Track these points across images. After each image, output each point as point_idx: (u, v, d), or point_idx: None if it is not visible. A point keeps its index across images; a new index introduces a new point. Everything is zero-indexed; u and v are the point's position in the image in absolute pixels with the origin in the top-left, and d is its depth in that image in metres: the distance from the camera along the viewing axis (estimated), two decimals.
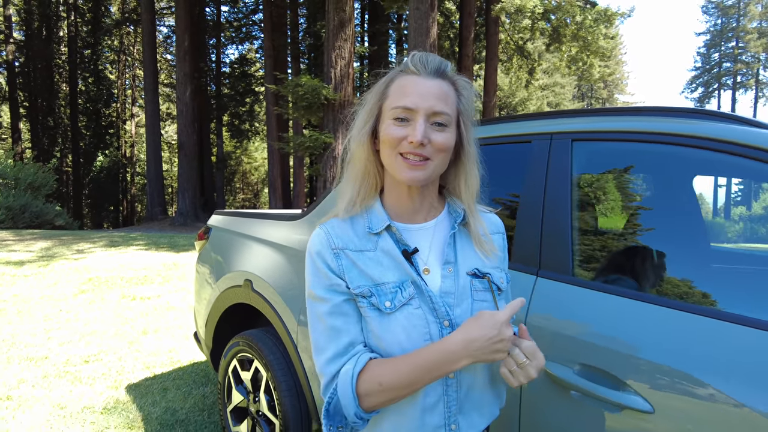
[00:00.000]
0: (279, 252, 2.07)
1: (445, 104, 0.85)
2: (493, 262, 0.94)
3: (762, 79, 42.53)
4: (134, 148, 33.00)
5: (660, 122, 1.20)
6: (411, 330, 0.84)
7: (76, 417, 2.63)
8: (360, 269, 0.88)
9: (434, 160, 0.85)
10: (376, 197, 0.93)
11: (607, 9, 18.10)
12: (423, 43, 11.18)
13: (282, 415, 1.94)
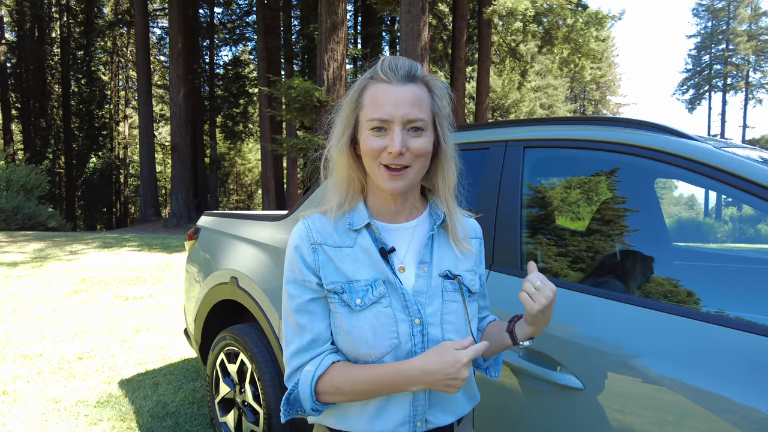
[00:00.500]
0: (263, 251, 2.20)
1: (419, 110, 0.86)
2: (467, 264, 0.97)
3: (752, 81, 42.94)
4: (127, 150, 32.93)
5: (603, 131, 1.34)
6: (378, 328, 0.87)
7: (71, 410, 2.74)
8: (335, 265, 0.90)
9: (414, 167, 0.87)
10: (360, 199, 0.96)
11: (598, 12, 18.31)
12: (414, 46, 11.32)
13: (266, 405, 2.06)
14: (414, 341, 0.88)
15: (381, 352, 0.87)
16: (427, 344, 0.88)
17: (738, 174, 1.08)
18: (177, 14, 17.31)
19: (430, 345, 0.88)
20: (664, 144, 1.21)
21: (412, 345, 0.87)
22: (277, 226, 2.21)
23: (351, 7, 23.45)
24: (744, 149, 1.33)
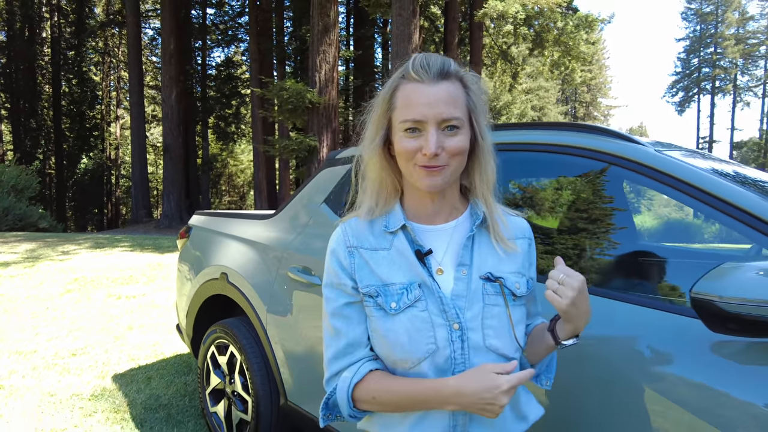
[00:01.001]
0: (252, 248, 2.31)
1: (454, 108, 0.83)
2: (511, 266, 0.92)
3: (739, 84, 43.52)
4: (119, 151, 32.81)
5: (558, 136, 1.47)
6: (414, 333, 0.84)
7: (66, 403, 2.83)
8: (371, 268, 0.89)
9: (451, 166, 0.85)
10: (396, 201, 0.94)
11: (588, 15, 18.56)
12: (405, 49, 11.43)
13: (254, 393, 2.17)
14: (453, 347, 0.85)
15: (417, 358, 0.84)
16: (468, 350, 0.85)
17: (671, 174, 1.22)
18: (169, 15, 17.34)
19: (470, 351, 0.85)
20: (610, 147, 1.35)
21: (451, 351, 0.84)
22: (265, 225, 2.33)
23: (343, 9, 23.56)
24: (688, 154, 1.47)
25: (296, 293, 2.00)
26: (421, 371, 0.85)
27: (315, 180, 2.23)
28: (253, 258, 2.27)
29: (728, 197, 1.13)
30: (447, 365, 0.84)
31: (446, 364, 0.84)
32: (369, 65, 22.37)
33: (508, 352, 0.87)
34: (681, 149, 1.50)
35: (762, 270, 0.87)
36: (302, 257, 2.02)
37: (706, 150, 45.57)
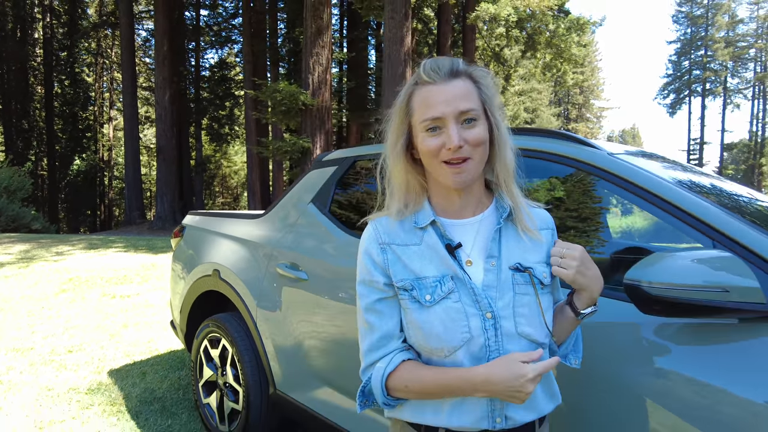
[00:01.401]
0: (243, 246, 2.43)
1: (469, 101, 0.89)
2: (537, 256, 0.96)
3: (729, 86, 43.96)
4: (112, 152, 32.74)
5: (524, 140, 1.60)
6: (449, 323, 0.88)
7: (63, 397, 2.93)
8: (404, 263, 0.93)
9: (474, 158, 0.89)
10: (424, 199, 0.98)
11: (579, 18, 18.76)
12: (398, 51, 11.55)
13: (245, 384, 2.29)
14: (487, 335, 0.88)
15: (453, 346, 0.88)
16: (501, 338, 0.89)
17: (619, 175, 1.35)
18: (162, 17, 17.38)
19: (504, 338, 0.89)
20: (567, 150, 1.48)
21: (486, 339, 0.88)
22: (255, 224, 2.45)
23: (337, 11, 23.66)
24: (642, 158, 1.60)
25: (284, 289, 2.12)
26: (456, 360, 0.89)
27: (303, 181, 2.35)
28: (244, 255, 2.38)
29: (670, 198, 1.26)
30: (482, 353, 0.88)
31: (481, 352, 0.88)
32: (362, 67, 22.46)
33: (539, 338, 0.91)
34: (639, 153, 1.64)
35: (693, 258, 1.00)
36: (290, 254, 2.14)
37: (697, 151, 46.04)
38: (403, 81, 11.18)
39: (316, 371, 1.99)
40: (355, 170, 2.15)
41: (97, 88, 31.08)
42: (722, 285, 0.95)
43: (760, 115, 42.31)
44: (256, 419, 2.27)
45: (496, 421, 0.90)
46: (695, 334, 1.11)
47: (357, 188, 2.14)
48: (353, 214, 2.05)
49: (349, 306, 1.82)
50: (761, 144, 41.33)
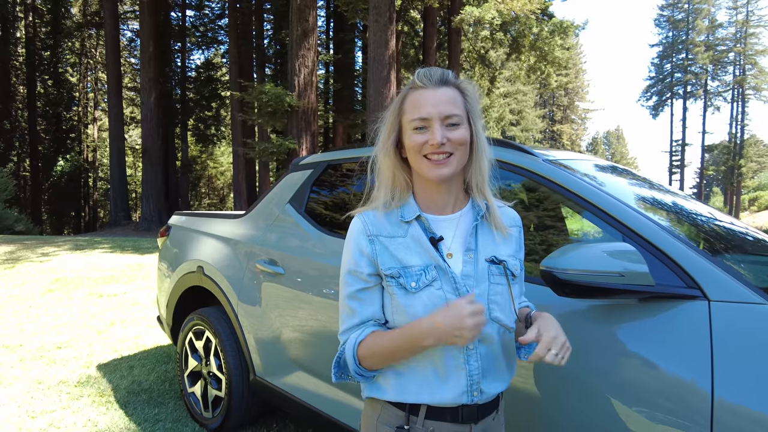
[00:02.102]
0: (225, 244, 2.60)
1: (454, 107, 0.99)
2: (508, 250, 1.07)
3: (710, 89, 44.73)
4: (97, 153, 32.45)
5: None
6: (431, 308, 0.97)
7: (54, 389, 3.06)
8: (391, 253, 1.02)
9: (456, 154, 0.99)
10: (409, 194, 1.07)
11: (563, 21, 19.11)
12: (382, 55, 11.68)
13: (227, 372, 2.46)
14: None
15: None
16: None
17: (551, 179, 1.55)
18: (148, 18, 17.36)
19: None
20: (499, 153, 1.68)
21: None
22: (237, 223, 2.62)
23: (323, 13, 23.78)
24: (579, 162, 1.80)
25: (264, 283, 2.29)
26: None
27: (282, 183, 2.53)
28: (227, 253, 2.55)
29: (591, 198, 1.46)
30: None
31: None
32: (349, 69, 22.58)
33: (509, 323, 1.03)
34: (576, 159, 1.84)
35: (600, 249, 1.20)
36: (269, 251, 2.31)
37: (679, 152, 46.87)
38: (388, 84, 11.36)
39: (292, 358, 2.17)
40: (329, 173, 2.33)
41: (81, 88, 30.79)
42: (618, 271, 1.15)
43: (738, 117, 43.12)
44: (237, 404, 2.44)
45: (473, 395, 0.99)
46: (605, 313, 1.31)
47: (330, 189, 2.32)
48: (327, 213, 2.24)
49: (321, 298, 2.00)
50: (740, 146, 42.16)
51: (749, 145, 43.68)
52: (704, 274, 1.21)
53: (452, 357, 0.99)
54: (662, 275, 1.24)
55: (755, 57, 41.95)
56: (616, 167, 2.08)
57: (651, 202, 1.74)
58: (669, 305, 1.22)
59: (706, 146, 45.40)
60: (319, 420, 2.03)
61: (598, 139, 67.35)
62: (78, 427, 2.59)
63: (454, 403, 1.00)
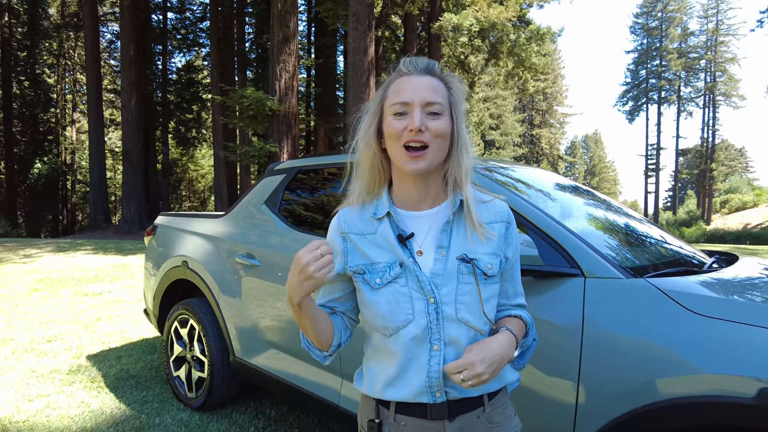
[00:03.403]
0: (207, 240, 2.89)
1: (436, 95, 0.96)
2: (487, 248, 1.00)
3: (683, 95, 46.01)
4: (75, 155, 32.12)
5: None
6: (394, 304, 0.97)
7: (47, 377, 3.31)
8: (360, 251, 1.02)
9: (432, 147, 0.95)
10: (384, 188, 1.05)
11: (539, 28, 19.72)
12: (362, 61, 11.98)
13: (209, 354, 2.75)
14: (429, 318, 0.96)
15: (396, 326, 0.97)
16: (442, 321, 0.96)
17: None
18: (129, 21, 17.40)
19: (444, 322, 0.96)
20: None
21: (428, 321, 0.96)
22: (218, 222, 2.92)
23: (305, 17, 24.02)
24: (503, 168, 2.15)
25: (242, 276, 2.59)
26: (399, 339, 0.98)
27: (258, 186, 2.84)
28: (209, 248, 2.85)
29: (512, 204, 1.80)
30: (424, 334, 0.96)
31: (424, 333, 0.96)
32: (331, 73, 22.84)
33: (478, 325, 0.99)
34: (505, 166, 2.19)
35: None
36: (247, 246, 2.62)
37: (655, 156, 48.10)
38: (367, 89, 11.68)
39: (266, 339, 2.48)
40: (299, 177, 2.65)
41: (59, 89, 30.46)
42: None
43: (710, 122, 44.40)
44: (219, 384, 2.74)
45: (435, 395, 0.98)
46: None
47: (300, 192, 2.63)
48: (298, 212, 2.55)
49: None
50: (711, 150, 43.42)
51: (720, 149, 45.06)
52: (582, 256, 1.56)
53: (416, 357, 0.98)
54: (553, 258, 1.59)
55: (725, 64, 43.34)
56: (546, 173, 2.44)
57: (555, 200, 2.09)
58: (557, 281, 1.57)
59: (680, 150, 46.66)
60: (288, 390, 2.34)
61: (577, 142, 68.64)
62: (72, 407, 2.85)
63: (413, 402, 0.99)
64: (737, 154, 62.24)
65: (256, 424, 2.69)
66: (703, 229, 27.16)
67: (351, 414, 2.04)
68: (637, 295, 1.42)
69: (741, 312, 1.27)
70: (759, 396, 1.13)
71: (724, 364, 1.20)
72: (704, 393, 1.20)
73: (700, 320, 1.28)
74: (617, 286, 1.47)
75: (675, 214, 42.05)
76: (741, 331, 1.22)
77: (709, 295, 1.37)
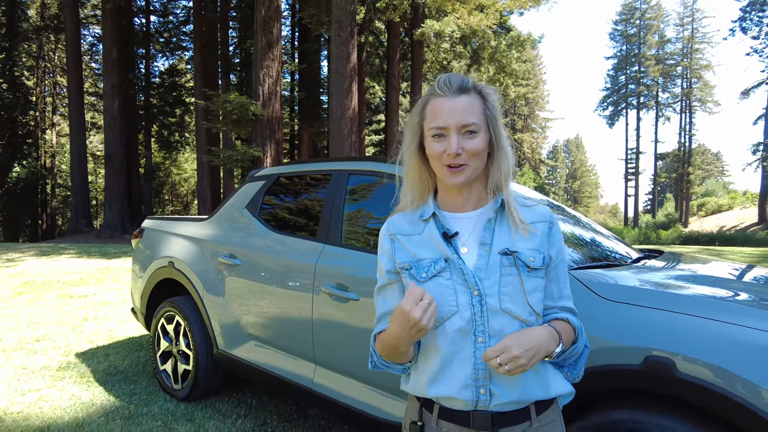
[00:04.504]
0: (192, 242, 3.10)
1: (471, 115, 1.03)
2: (530, 244, 1.06)
3: (661, 100, 47.04)
4: (55, 159, 31.73)
5: (375, 165, 2.38)
6: (439, 297, 1.01)
7: (38, 373, 3.48)
8: (407, 249, 1.10)
9: (470, 164, 1.04)
10: (431, 195, 1.14)
11: (519, 35, 20.20)
12: (344, 67, 12.19)
13: (194, 348, 2.96)
14: (474, 310, 1.01)
15: (442, 317, 1.02)
16: (486, 312, 1.01)
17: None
18: (111, 24, 17.35)
19: (489, 313, 1.01)
20: (385, 168, 2.27)
21: (472, 313, 1.01)
22: (202, 225, 3.13)
23: (288, 22, 24.18)
24: None
25: (225, 275, 2.81)
26: (444, 331, 1.02)
27: (240, 191, 3.06)
28: (193, 250, 3.06)
29: None
30: (469, 326, 1.01)
31: (468, 325, 1.01)
32: (314, 78, 23.00)
33: (522, 315, 1.02)
34: None
35: None
36: (229, 247, 2.84)
37: (634, 160, 49.09)
38: (350, 95, 11.91)
39: (247, 333, 2.70)
40: (279, 183, 2.88)
41: (38, 92, 30.09)
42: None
43: (687, 127, 45.43)
44: (203, 375, 2.95)
45: (480, 392, 1.00)
46: None
47: (279, 197, 2.86)
48: (277, 216, 2.78)
49: (269, 286, 2.54)
50: (688, 154, 44.44)
51: (697, 153, 46.16)
52: None
53: (460, 349, 1.01)
54: None
55: (700, 71, 44.47)
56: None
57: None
58: None
59: (658, 154, 47.61)
60: (267, 378, 2.56)
61: (558, 147, 69.72)
62: (64, 400, 3.03)
63: (457, 397, 1.01)
64: (713, 158, 63.89)
65: (238, 411, 2.91)
66: (680, 232, 27.85)
67: (324, 397, 2.27)
68: None
69: (637, 296, 1.54)
70: (644, 363, 1.39)
71: (622, 338, 1.46)
72: (609, 362, 1.46)
73: (607, 304, 1.55)
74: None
75: (654, 217, 42.82)
76: (636, 312, 1.49)
77: (614, 283, 1.64)
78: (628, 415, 1.44)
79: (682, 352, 1.35)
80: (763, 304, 1.49)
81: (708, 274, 1.95)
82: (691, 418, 1.36)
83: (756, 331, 1.31)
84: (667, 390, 1.37)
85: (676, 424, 1.36)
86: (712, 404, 1.30)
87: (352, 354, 2.15)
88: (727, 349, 1.31)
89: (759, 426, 1.22)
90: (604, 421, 1.47)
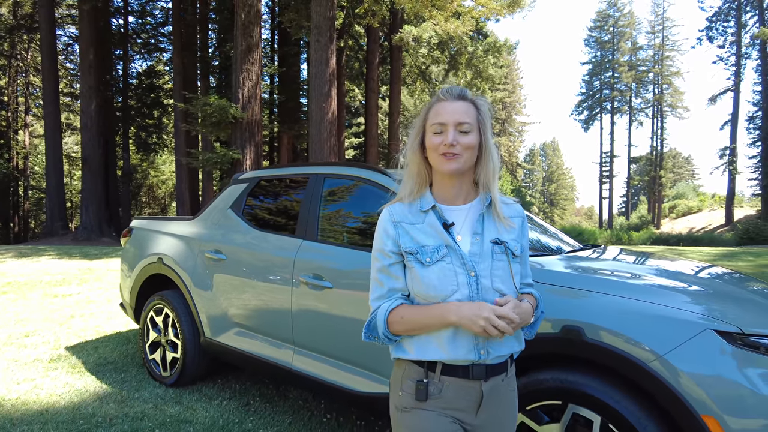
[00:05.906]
0: (179, 240, 3.36)
1: (466, 116, 1.23)
2: (511, 236, 1.29)
3: (634, 105, 48.11)
4: (28, 160, 31.13)
5: (351, 170, 2.68)
6: (443, 278, 1.20)
7: (30, 365, 3.67)
8: (411, 236, 1.26)
9: (463, 156, 1.23)
10: (427, 189, 1.31)
11: (495, 41, 20.69)
12: (323, 72, 12.41)
13: (182, 337, 3.21)
14: (471, 288, 1.20)
15: (445, 295, 1.20)
16: (481, 290, 1.20)
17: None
18: (88, 24, 17.20)
19: (482, 291, 1.20)
20: (371, 175, 2.57)
21: (470, 291, 1.20)
22: (189, 224, 3.39)
23: (268, 25, 24.28)
24: None
25: (211, 270, 3.07)
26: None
27: (225, 193, 3.32)
28: (181, 246, 3.31)
29: None
30: (467, 299, 1.19)
31: (467, 299, 1.19)
32: (294, 81, 23.10)
33: (509, 293, 1.24)
34: None
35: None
36: (215, 243, 3.10)
37: (608, 163, 50.23)
38: (329, 99, 12.14)
39: (232, 321, 2.97)
40: (260, 186, 3.16)
41: (10, 92, 29.52)
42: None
43: (658, 132, 46.67)
44: (190, 362, 3.20)
45: (480, 353, 1.21)
46: None
47: (261, 198, 3.14)
48: (258, 215, 3.06)
49: (252, 279, 2.81)
50: (660, 158, 45.65)
51: (668, 157, 47.43)
52: None
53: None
54: None
55: (670, 77, 45.80)
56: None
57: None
58: None
59: (631, 158, 48.68)
60: (250, 360, 2.83)
61: (535, 150, 70.85)
62: (58, 387, 3.24)
63: (464, 360, 1.21)
64: (684, 161, 65.80)
65: (223, 394, 3.17)
66: (651, 233, 28.77)
67: (302, 374, 2.55)
68: None
69: (558, 278, 1.87)
70: (562, 331, 1.73)
71: (549, 313, 1.79)
72: (540, 332, 1.79)
73: (538, 286, 1.88)
74: None
75: (628, 219, 43.74)
76: (559, 292, 1.82)
77: (539, 268, 1.97)
78: (550, 375, 1.77)
79: (590, 321, 1.69)
80: (659, 284, 1.84)
81: (626, 262, 2.30)
82: (601, 375, 1.69)
83: (649, 304, 1.65)
84: (579, 353, 1.71)
85: (586, 379, 1.69)
86: (613, 363, 1.63)
87: (327, 336, 2.45)
88: (625, 318, 1.65)
89: (643, 377, 1.56)
90: (531, 381, 1.80)
